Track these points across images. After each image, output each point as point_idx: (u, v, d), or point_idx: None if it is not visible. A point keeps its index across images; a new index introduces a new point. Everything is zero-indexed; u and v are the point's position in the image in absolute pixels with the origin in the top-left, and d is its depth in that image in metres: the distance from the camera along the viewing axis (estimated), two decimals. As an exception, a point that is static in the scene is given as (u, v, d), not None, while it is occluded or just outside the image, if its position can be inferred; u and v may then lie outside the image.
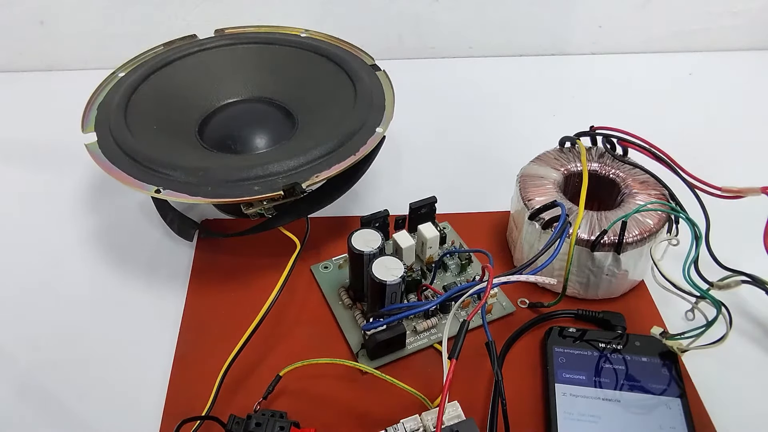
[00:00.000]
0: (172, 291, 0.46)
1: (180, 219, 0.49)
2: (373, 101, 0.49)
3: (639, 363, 0.40)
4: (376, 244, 0.41)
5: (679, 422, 0.37)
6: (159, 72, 0.53)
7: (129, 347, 0.43)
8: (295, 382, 0.39)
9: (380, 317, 0.39)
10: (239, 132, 0.51)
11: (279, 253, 0.45)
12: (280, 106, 0.54)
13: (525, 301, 0.45)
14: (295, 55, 0.55)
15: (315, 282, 0.46)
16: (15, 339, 0.43)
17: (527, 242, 0.45)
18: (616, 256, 0.42)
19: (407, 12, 0.72)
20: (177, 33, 0.58)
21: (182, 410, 0.37)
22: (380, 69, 0.54)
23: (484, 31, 0.74)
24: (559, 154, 0.48)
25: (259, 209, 0.43)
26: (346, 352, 0.42)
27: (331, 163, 0.44)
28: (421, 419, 0.35)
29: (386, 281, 0.39)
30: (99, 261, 0.49)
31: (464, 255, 0.47)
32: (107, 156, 0.45)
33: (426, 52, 0.75)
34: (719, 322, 0.38)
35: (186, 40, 0.57)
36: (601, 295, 0.45)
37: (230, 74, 0.55)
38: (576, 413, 0.37)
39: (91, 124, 0.48)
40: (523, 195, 0.45)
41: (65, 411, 0.39)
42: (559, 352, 0.41)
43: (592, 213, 0.43)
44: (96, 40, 0.71)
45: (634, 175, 0.46)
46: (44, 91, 0.70)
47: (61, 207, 0.54)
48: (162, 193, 0.42)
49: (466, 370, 0.40)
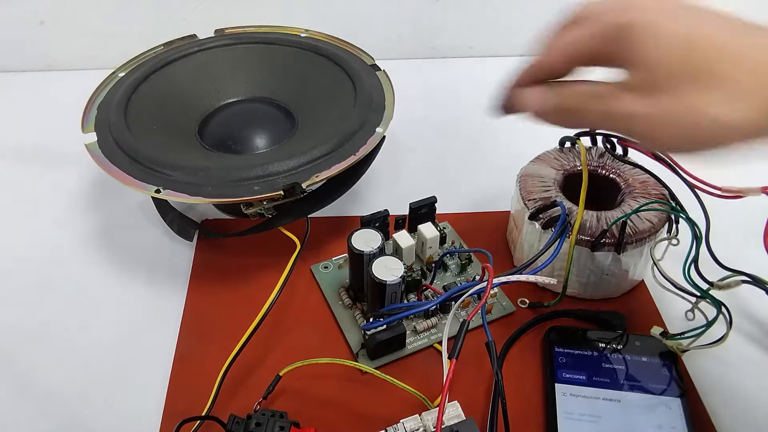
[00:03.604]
0: (172, 291, 0.46)
1: (180, 219, 0.49)
2: (373, 101, 0.49)
3: (639, 363, 0.40)
4: (376, 244, 0.41)
5: (679, 422, 0.37)
6: (159, 72, 0.53)
7: (129, 347, 0.43)
8: (295, 382, 0.39)
9: (380, 317, 0.39)
10: (239, 132, 0.51)
11: (279, 253, 0.45)
12: (280, 106, 0.54)
13: (525, 301, 0.45)
14: (295, 55, 0.55)
15: (315, 282, 0.46)
16: (15, 339, 0.43)
17: (527, 242, 0.45)
18: (616, 256, 0.42)
19: (407, 12, 0.72)
20: (177, 33, 0.58)
21: (182, 410, 0.37)
22: (380, 69, 0.54)
23: (484, 31, 0.74)
24: (559, 154, 0.48)
25: (259, 209, 0.43)
26: (346, 352, 0.42)
27: (331, 163, 0.44)
28: (421, 419, 0.35)
29: (386, 281, 0.39)
30: (99, 261, 0.49)
31: (464, 255, 0.47)
32: (107, 156, 0.45)
33: (426, 52, 0.75)
34: (719, 322, 0.38)
35: (186, 40, 0.57)
36: (601, 295, 0.45)
37: (230, 74, 0.55)
38: (576, 413, 0.37)
39: (91, 124, 0.48)
40: (523, 195, 0.45)
41: (65, 411, 0.39)
42: (559, 352, 0.41)
43: (592, 213, 0.43)
44: (96, 40, 0.71)
45: (634, 175, 0.46)
46: (44, 91, 0.70)
47: (61, 207, 0.54)
48: (162, 193, 0.42)
49: (466, 370, 0.40)
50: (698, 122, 0.28)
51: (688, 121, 0.28)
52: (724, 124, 0.28)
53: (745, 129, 0.28)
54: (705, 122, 0.28)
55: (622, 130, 0.32)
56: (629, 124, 0.31)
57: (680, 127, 0.29)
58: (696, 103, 0.28)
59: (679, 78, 0.28)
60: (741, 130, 0.28)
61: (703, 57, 0.28)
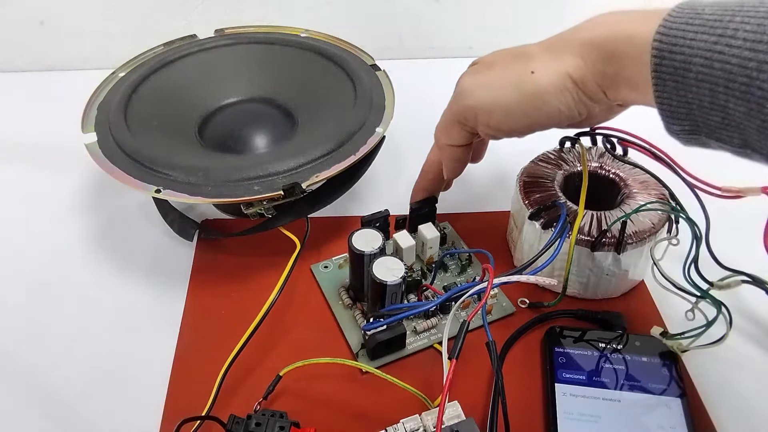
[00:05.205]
0: (172, 291, 0.46)
1: (180, 219, 0.49)
2: (373, 101, 0.49)
3: (639, 363, 0.40)
4: (376, 244, 0.41)
5: (679, 422, 0.37)
6: (159, 72, 0.53)
7: (129, 347, 0.43)
8: (295, 382, 0.39)
9: (380, 317, 0.39)
10: (239, 132, 0.51)
11: (279, 253, 0.45)
12: (280, 106, 0.54)
13: (525, 301, 0.45)
14: (295, 55, 0.55)
15: (315, 282, 0.46)
16: (15, 339, 0.43)
17: (527, 242, 0.45)
18: (616, 256, 0.42)
19: (407, 12, 0.72)
20: (177, 33, 0.58)
21: (182, 410, 0.37)
22: (380, 69, 0.54)
23: (484, 31, 0.74)
24: (559, 154, 0.48)
25: (259, 209, 0.43)
26: (346, 352, 0.42)
27: (331, 163, 0.44)
28: (421, 419, 0.35)
29: (387, 281, 0.39)
30: (99, 261, 0.49)
31: (464, 255, 0.47)
32: (107, 156, 0.45)
33: (426, 52, 0.75)
34: (719, 322, 0.38)
35: (186, 40, 0.57)
36: (601, 295, 0.45)
37: (230, 74, 0.55)
38: (576, 413, 0.37)
39: (91, 124, 0.48)
40: (523, 195, 0.45)
41: (65, 411, 0.39)
42: (559, 352, 0.41)
43: (592, 213, 0.43)
44: (96, 40, 0.71)
45: (634, 175, 0.46)
46: (44, 91, 0.70)
47: (61, 207, 0.54)
48: (162, 193, 0.42)
49: (466, 370, 0.40)
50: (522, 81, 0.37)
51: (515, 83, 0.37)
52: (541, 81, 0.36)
53: (561, 83, 0.36)
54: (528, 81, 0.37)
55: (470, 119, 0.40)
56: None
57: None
58: (519, 68, 0.37)
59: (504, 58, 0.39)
60: (558, 84, 0.36)
61: (521, 51, 0.38)
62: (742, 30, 0.27)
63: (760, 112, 0.27)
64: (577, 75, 0.35)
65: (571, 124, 0.39)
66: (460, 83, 0.41)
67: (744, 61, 0.27)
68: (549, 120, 0.38)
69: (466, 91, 0.40)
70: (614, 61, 0.33)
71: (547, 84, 0.36)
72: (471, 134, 0.42)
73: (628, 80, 0.33)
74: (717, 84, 0.28)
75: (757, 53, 0.27)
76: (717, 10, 0.29)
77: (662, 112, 0.32)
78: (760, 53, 0.26)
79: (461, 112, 0.40)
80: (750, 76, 0.27)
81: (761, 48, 0.26)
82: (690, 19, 0.29)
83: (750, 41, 0.27)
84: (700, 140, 0.32)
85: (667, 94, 0.31)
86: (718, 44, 0.28)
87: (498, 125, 0.39)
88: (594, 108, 0.37)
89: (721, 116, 0.29)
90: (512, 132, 0.39)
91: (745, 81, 0.27)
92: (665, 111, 0.32)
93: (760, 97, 0.27)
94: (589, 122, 0.39)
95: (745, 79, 0.27)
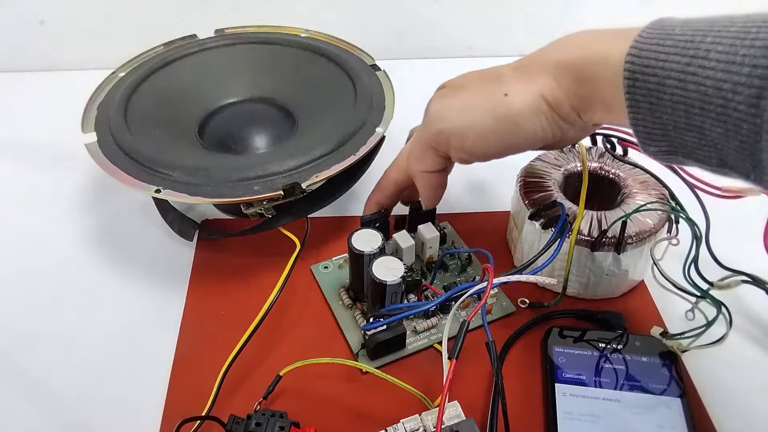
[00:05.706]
0: (172, 291, 0.46)
1: (180, 219, 0.49)
2: (373, 101, 0.49)
3: (639, 363, 0.40)
4: (376, 244, 0.41)
5: (679, 422, 0.37)
6: (159, 72, 0.53)
7: (129, 347, 0.43)
8: (295, 382, 0.39)
9: (380, 317, 0.39)
10: (239, 132, 0.51)
11: (279, 253, 0.45)
12: (280, 106, 0.54)
13: (525, 301, 0.45)
14: (295, 55, 0.55)
15: (315, 282, 0.46)
16: (15, 339, 0.43)
17: (527, 242, 0.45)
18: (616, 256, 0.42)
19: (407, 12, 0.72)
20: (177, 33, 0.58)
21: (182, 410, 0.37)
22: (380, 69, 0.54)
23: (484, 31, 0.74)
24: (559, 154, 0.48)
25: (259, 209, 0.43)
26: (346, 352, 0.42)
27: (331, 163, 0.44)
28: (421, 419, 0.35)
29: (386, 281, 0.39)
30: (99, 261, 0.49)
31: (464, 255, 0.47)
32: (107, 156, 0.45)
33: (426, 52, 0.75)
34: (719, 322, 0.38)
35: (186, 40, 0.57)
36: (601, 295, 0.45)
37: (230, 74, 0.55)
38: (576, 413, 0.37)
39: (91, 124, 0.48)
40: (523, 195, 0.45)
41: (65, 411, 0.39)
42: (559, 352, 0.41)
43: (592, 213, 0.43)
44: (96, 40, 0.71)
45: (634, 175, 0.46)
46: (44, 91, 0.70)
47: (61, 207, 0.54)
48: (162, 193, 0.42)
49: (466, 370, 0.40)
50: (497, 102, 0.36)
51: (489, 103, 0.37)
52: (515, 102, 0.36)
53: (535, 105, 0.35)
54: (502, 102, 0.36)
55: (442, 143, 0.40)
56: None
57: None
58: (492, 90, 0.37)
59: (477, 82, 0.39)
60: (532, 107, 0.35)
61: (493, 73, 0.38)
62: (715, 51, 0.27)
63: (737, 133, 0.27)
64: (551, 97, 0.35)
65: (545, 146, 0.38)
66: (430, 108, 0.40)
67: (718, 82, 0.27)
68: (524, 143, 0.37)
69: (437, 115, 0.39)
70: (588, 83, 0.33)
71: (522, 107, 0.35)
72: (444, 159, 0.41)
73: (602, 102, 0.33)
74: (692, 105, 0.28)
75: (731, 74, 0.26)
76: (687, 30, 0.28)
77: (637, 133, 0.31)
78: (734, 75, 0.26)
79: (433, 137, 0.40)
80: (725, 98, 0.27)
81: (734, 69, 0.26)
82: (661, 40, 0.29)
83: (723, 62, 0.26)
84: (677, 159, 0.31)
85: (642, 116, 0.30)
86: (691, 65, 0.28)
87: (472, 149, 0.38)
88: (568, 130, 0.36)
89: (698, 137, 0.29)
90: (486, 156, 0.39)
91: (720, 102, 0.27)
92: (640, 132, 0.31)
93: (737, 118, 0.26)
94: (562, 144, 0.38)
95: (721, 101, 0.27)
